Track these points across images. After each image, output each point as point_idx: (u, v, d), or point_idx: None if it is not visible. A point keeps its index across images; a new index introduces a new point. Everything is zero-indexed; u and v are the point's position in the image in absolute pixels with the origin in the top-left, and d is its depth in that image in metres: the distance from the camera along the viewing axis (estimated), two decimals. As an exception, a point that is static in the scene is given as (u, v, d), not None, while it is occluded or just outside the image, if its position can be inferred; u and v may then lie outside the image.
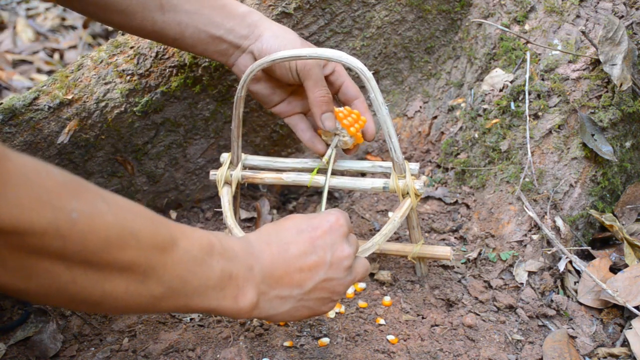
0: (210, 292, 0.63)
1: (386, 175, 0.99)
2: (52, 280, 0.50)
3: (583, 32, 1.07)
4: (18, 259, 0.47)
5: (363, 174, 1.22)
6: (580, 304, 1.00)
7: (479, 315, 0.96)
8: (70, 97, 1.07)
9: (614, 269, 1.04)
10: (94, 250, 0.50)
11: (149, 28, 0.91)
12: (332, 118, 0.94)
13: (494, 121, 1.16)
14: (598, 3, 1.14)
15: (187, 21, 0.92)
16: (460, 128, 1.23)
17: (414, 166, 0.93)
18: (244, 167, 1.03)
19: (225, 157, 1.03)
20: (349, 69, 1.02)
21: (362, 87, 1.25)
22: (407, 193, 0.92)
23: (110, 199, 0.53)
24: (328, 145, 0.98)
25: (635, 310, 0.93)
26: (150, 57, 1.10)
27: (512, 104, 1.14)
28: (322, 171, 1.00)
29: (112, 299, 0.54)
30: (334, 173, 0.99)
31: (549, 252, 1.04)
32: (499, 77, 1.17)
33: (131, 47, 1.11)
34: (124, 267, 0.53)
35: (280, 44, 0.92)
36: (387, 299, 0.98)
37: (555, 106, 1.10)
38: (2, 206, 0.43)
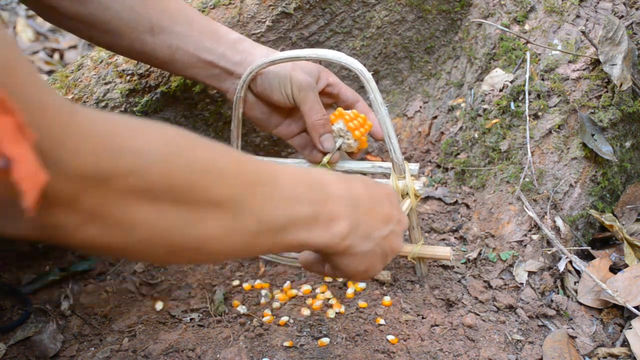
0: (303, 224, 0.62)
1: (386, 175, 0.99)
2: (151, 228, 0.50)
3: (583, 32, 1.07)
4: (114, 209, 0.47)
5: (363, 175, 1.22)
6: (580, 304, 1.00)
7: (479, 315, 0.96)
8: (70, 97, 1.07)
9: (614, 269, 1.04)
10: (180, 188, 0.50)
11: (138, 49, 0.91)
12: (331, 139, 0.96)
13: (494, 121, 1.16)
14: (598, 3, 1.14)
15: (178, 44, 0.91)
16: (460, 128, 1.23)
17: (414, 167, 0.93)
18: None
19: None
20: (347, 70, 1.02)
21: (362, 88, 1.25)
22: (407, 194, 0.92)
23: (193, 138, 0.53)
24: None
25: (635, 310, 0.93)
26: (150, 57, 1.10)
27: (512, 104, 1.14)
28: None
29: (211, 239, 0.54)
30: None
31: (549, 252, 1.04)
32: (499, 77, 1.17)
33: (131, 47, 1.11)
34: (214, 203, 0.53)
35: (274, 69, 0.93)
36: (387, 299, 0.98)
37: (555, 106, 1.10)
38: (82, 156, 0.43)
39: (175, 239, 0.52)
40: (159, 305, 0.99)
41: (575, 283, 1.04)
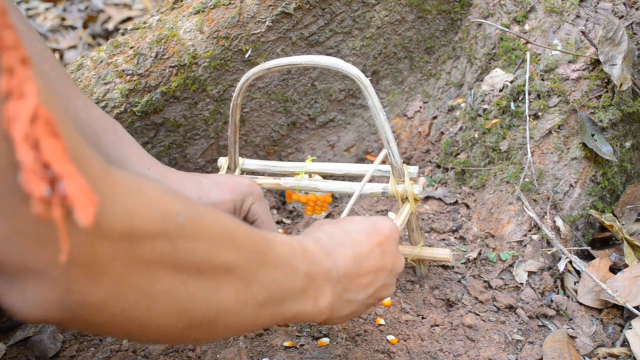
0: (297, 296, 0.61)
1: (386, 177, 0.99)
2: (172, 300, 0.48)
3: (583, 32, 1.07)
4: (141, 277, 0.45)
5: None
6: (580, 304, 1.00)
7: (478, 315, 0.96)
8: (70, 97, 1.07)
9: (614, 269, 1.04)
10: (202, 254, 0.49)
11: None
12: None
13: (494, 121, 1.16)
14: (598, 3, 1.14)
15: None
16: (460, 128, 1.23)
17: (413, 170, 0.93)
18: (242, 172, 1.03)
19: (222, 161, 1.03)
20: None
21: (359, 92, 1.25)
22: (407, 198, 0.92)
23: (202, 205, 0.52)
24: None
25: (635, 310, 0.93)
26: (150, 57, 1.10)
27: (512, 104, 1.14)
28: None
29: (226, 310, 0.53)
30: (332, 177, 0.99)
31: (548, 252, 1.04)
32: (499, 77, 1.17)
33: (131, 47, 1.11)
34: (229, 270, 0.52)
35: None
36: (387, 299, 0.98)
37: (555, 106, 1.10)
38: (113, 215, 0.41)
39: (195, 311, 0.50)
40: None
41: (575, 283, 1.04)
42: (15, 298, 0.42)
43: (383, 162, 0.96)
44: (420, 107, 1.30)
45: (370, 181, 0.96)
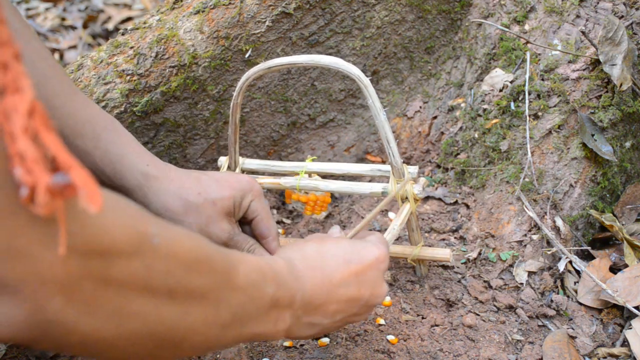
0: (261, 317, 0.60)
1: (385, 177, 0.99)
2: (142, 321, 0.47)
3: (583, 32, 1.07)
4: (113, 296, 0.44)
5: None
6: (580, 304, 1.00)
7: (478, 315, 0.96)
8: (70, 97, 1.07)
9: (614, 269, 1.04)
10: (176, 277, 0.49)
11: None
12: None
13: (494, 121, 1.16)
14: (598, 3, 1.14)
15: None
16: (460, 128, 1.23)
17: (413, 170, 0.92)
18: (242, 171, 1.03)
19: (222, 161, 1.03)
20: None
21: (359, 92, 1.25)
22: (406, 198, 0.91)
23: (176, 226, 0.52)
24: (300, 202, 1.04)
25: (635, 310, 0.93)
26: (150, 57, 1.10)
27: (512, 104, 1.14)
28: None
29: (193, 333, 0.53)
30: (332, 177, 0.99)
31: (548, 252, 1.04)
32: (499, 77, 1.17)
33: (131, 47, 1.11)
34: (202, 294, 0.52)
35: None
36: (387, 299, 0.98)
37: (555, 106, 1.10)
38: (89, 231, 0.41)
39: (164, 333, 0.50)
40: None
41: (575, 283, 1.04)
42: None
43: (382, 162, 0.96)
44: (420, 107, 1.30)
45: (370, 181, 0.96)
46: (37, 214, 0.36)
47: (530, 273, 1.02)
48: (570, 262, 1.04)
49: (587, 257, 1.08)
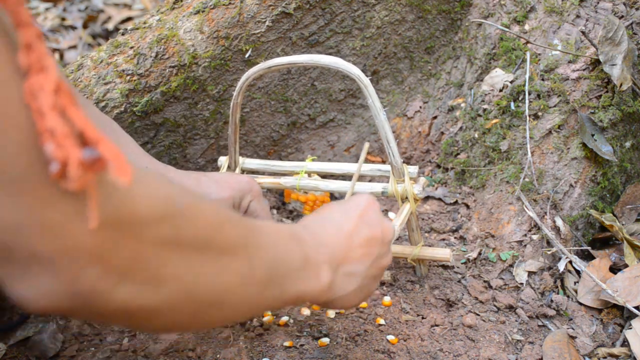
0: (297, 274, 0.62)
1: (385, 177, 1.00)
2: (178, 282, 0.49)
3: (583, 32, 1.07)
4: (147, 262, 0.46)
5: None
6: (580, 304, 1.00)
7: (479, 315, 0.96)
8: (70, 97, 1.07)
9: (614, 269, 1.04)
10: (203, 235, 0.50)
11: None
12: None
13: (494, 121, 1.16)
14: (598, 3, 1.14)
15: None
16: (460, 128, 1.23)
17: (413, 169, 0.93)
18: (242, 171, 1.03)
19: (222, 161, 1.03)
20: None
21: (359, 91, 1.25)
22: (406, 197, 0.91)
23: (191, 190, 0.54)
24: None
25: (635, 310, 0.93)
26: (150, 57, 1.10)
27: (512, 104, 1.14)
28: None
29: (231, 291, 0.54)
30: (332, 177, 0.99)
31: (549, 252, 1.04)
32: (499, 77, 1.17)
33: (131, 47, 1.11)
34: (232, 250, 0.53)
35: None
36: (387, 299, 0.98)
37: (555, 106, 1.10)
38: (117, 202, 0.42)
39: (201, 293, 0.51)
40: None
41: (575, 283, 1.04)
42: (26, 288, 0.42)
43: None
44: (420, 107, 1.30)
45: (370, 181, 0.96)
46: (69, 188, 0.37)
47: (530, 273, 1.02)
48: (570, 262, 1.04)
49: (587, 257, 1.08)
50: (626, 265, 1.04)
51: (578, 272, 1.05)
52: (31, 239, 0.39)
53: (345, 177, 1.09)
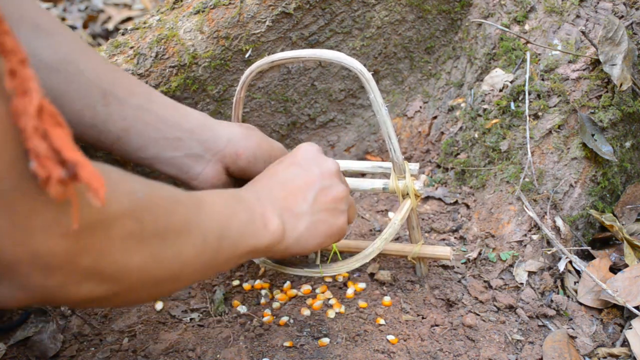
0: (245, 230, 0.67)
1: (386, 175, 1.00)
2: (144, 270, 0.53)
3: (583, 32, 1.07)
4: (112, 260, 0.49)
5: (363, 175, 1.22)
6: (580, 304, 1.00)
7: (479, 315, 0.96)
8: (70, 97, 1.07)
9: (614, 269, 1.04)
10: (162, 221, 0.54)
11: (88, 121, 0.77)
12: None
13: (494, 121, 1.16)
14: (598, 3, 1.14)
15: (135, 116, 0.78)
16: (460, 128, 1.23)
17: (414, 166, 0.93)
18: None
19: None
20: (348, 69, 1.02)
21: (362, 88, 1.26)
22: (407, 194, 0.91)
23: (147, 179, 0.57)
24: None
25: (635, 310, 0.93)
26: (150, 57, 1.10)
27: (512, 104, 1.14)
28: None
29: (187, 265, 0.58)
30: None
31: (549, 252, 1.04)
32: (499, 77, 1.17)
33: (131, 47, 1.11)
34: (186, 228, 0.58)
35: (252, 142, 0.86)
36: (387, 299, 0.98)
37: (555, 106, 1.10)
38: (89, 203, 0.45)
39: (161, 274, 0.56)
40: (159, 305, 0.99)
41: (575, 283, 1.04)
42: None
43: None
44: (420, 107, 1.30)
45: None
46: (52, 198, 0.40)
47: (530, 273, 1.02)
48: (570, 262, 1.04)
49: (587, 257, 1.08)
50: (626, 265, 1.04)
51: (578, 272, 1.05)
52: (10, 246, 0.43)
53: (345, 174, 1.09)
